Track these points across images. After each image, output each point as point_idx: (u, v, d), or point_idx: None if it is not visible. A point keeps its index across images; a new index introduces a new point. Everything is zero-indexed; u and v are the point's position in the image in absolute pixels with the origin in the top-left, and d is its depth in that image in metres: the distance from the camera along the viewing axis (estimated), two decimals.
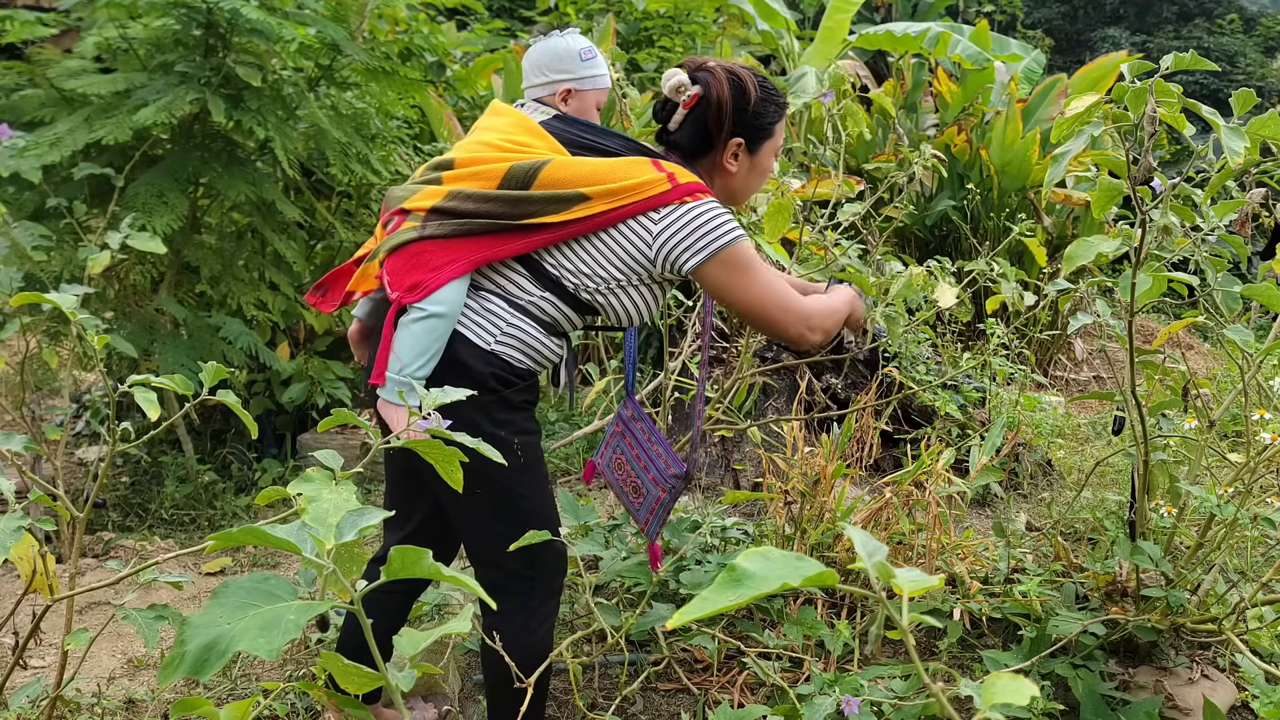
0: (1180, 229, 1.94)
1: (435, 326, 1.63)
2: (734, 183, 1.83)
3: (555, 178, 1.67)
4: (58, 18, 3.46)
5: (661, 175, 1.68)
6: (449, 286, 1.64)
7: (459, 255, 1.67)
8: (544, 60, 1.96)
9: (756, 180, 1.86)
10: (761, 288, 1.71)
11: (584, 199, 1.65)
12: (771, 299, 1.72)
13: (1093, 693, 2.04)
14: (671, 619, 0.61)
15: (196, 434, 3.93)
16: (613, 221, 1.67)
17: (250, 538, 0.79)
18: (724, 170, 1.80)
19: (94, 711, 2.23)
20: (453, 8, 4.81)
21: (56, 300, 1.44)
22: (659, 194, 1.66)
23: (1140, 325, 6.24)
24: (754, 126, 1.78)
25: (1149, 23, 20.45)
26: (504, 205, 1.67)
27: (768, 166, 1.86)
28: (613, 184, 1.66)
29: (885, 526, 2.59)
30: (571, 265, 1.70)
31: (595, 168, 1.69)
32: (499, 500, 1.71)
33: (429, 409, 1.22)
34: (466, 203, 1.68)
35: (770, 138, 1.81)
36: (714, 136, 1.76)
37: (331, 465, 1.03)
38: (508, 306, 1.70)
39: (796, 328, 1.75)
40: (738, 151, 1.79)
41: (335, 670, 0.94)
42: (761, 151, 1.82)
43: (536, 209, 1.66)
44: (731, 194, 1.84)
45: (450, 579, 0.78)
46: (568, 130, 1.81)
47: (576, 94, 1.97)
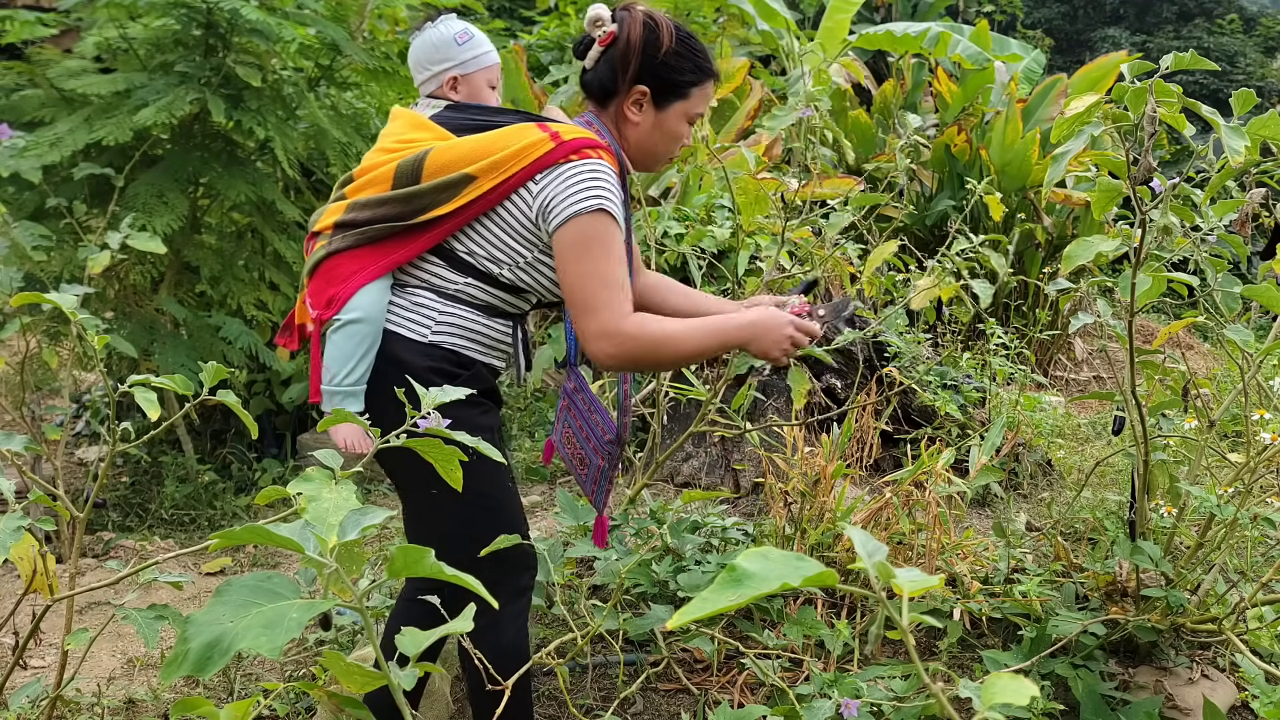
0: (1180, 229, 1.94)
1: (355, 332, 1.64)
2: (637, 135, 1.75)
3: (440, 163, 1.65)
4: (58, 18, 3.46)
5: (544, 135, 1.63)
6: (362, 292, 1.65)
7: (367, 262, 1.67)
8: (422, 55, 1.90)
9: (663, 141, 1.77)
10: (590, 273, 1.61)
11: (470, 179, 1.63)
12: (592, 289, 1.61)
13: (1093, 693, 2.04)
14: (671, 619, 0.61)
15: (196, 434, 3.93)
16: (505, 194, 1.64)
17: (253, 536, 0.79)
18: (626, 119, 1.73)
19: (94, 711, 2.23)
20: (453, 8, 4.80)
21: (56, 300, 1.44)
22: (542, 155, 1.62)
23: (1140, 325, 6.24)
24: (662, 78, 1.70)
25: (1149, 23, 20.45)
26: (399, 205, 1.66)
27: (677, 129, 1.76)
28: (495, 155, 1.62)
29: (885, 526, 2.59)
30: (480, 248, 1.67)
31: (476, 144, 1.65)
32: (455, 499, 1.63)
33: (428, 408, 1.22)
34: (364, 211, 1.68)
35: (682, 98, 1.73)
36: (620, 79, 1.70)
37: (331, 465, 1.03)
38: (437, 297, 1.68)
39: (595, 338, 1.62)
40: (641, 100, 1.72)
41: (337, 670, 0.94)
42: (670, 110, 1.73)
43: (429, 201, 1.64)
44: (637, 149, 1.77)
45: (451, 578, 0.78)
46: (458, 117, 1.77)
47: (464, 79, 1.90)
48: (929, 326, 4.53)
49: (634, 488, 2.79)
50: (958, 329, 4.78)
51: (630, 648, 2.43)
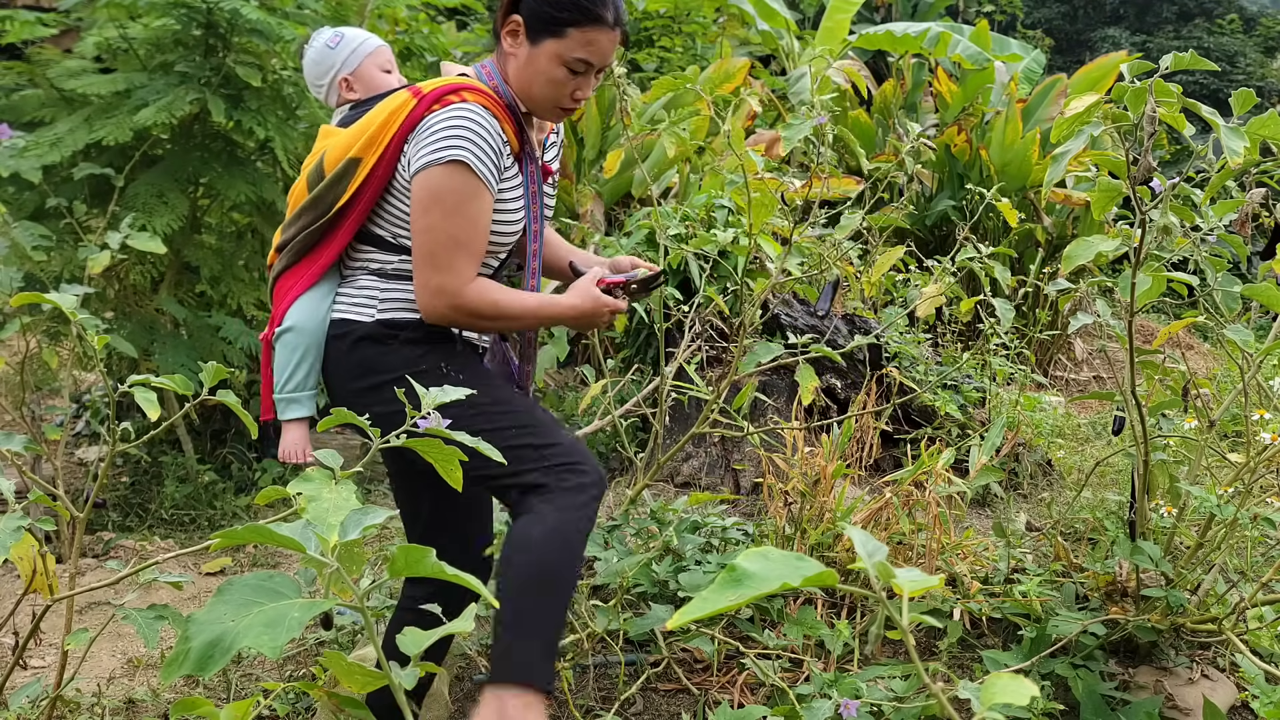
0: (1180, 229, 1.94)
1: (288, 341, 1.71)
2: (513, 69, 1.69)
3: (333, 158, 1.68)
4: (58, 18, 3.46)
5: (407, 95, 1.63)
6: (296, 303, 1.70)
7: (300, 274, 1.72)
8: (310, 75, 1.95)
9: (537, 81, 1.67)
10: (435, 227, 1.59)
11: (355, 162, 1.64)
12: (438, 246, 1.60)
13: (1093, 693, 2.04)
14: (671, 619, 0.61)
15: (196, 434, 3.93)
16: (392, 165, 1.64)
17: (254, 536, 0.79)
18: (503, 49, 1.70)
19: (94, 711, 2.23)
20: (453, 8, 4.80)
21: (56, 300, 1.44)
22: (408, 115, 1.61)
23: (1140, 325, 6.24)
24: (538, 10, 1.63)
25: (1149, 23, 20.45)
26: (311, 210, 1.70)
27: (550, 71, 1.65)
28: (369, 131, 1.63)
29: (885, 526, 2.59)
30: (397, 224, 1.69)
31: (355, 128, 1.67)
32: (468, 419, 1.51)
33: (429, 408, 1.22)
34: (291, 228, 1.74)
35: (555, 35, 1.63)
36: (502, 4, 1.68)
37: (331, 465, 1.03)
38: (378, 279, 1.72)
39: (434, 293, 1.62)
40: (516, 30, 1.66)
41: (338, 670, 0.94)
42: (541, 46, 1.64)
43: (331, 196, 1.67)
44: (516, 85, 1.70)
45: (452, 578, 0.78)
46: (355, 114, 1.79)
47: (354, 77, 1.91)
48: (929, 327, 4.53)
49: (635, 488, 2.79)
50: (957, 329, 4.78)
51: (630, 648, 2.43)
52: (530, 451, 1.62)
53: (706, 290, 3.06)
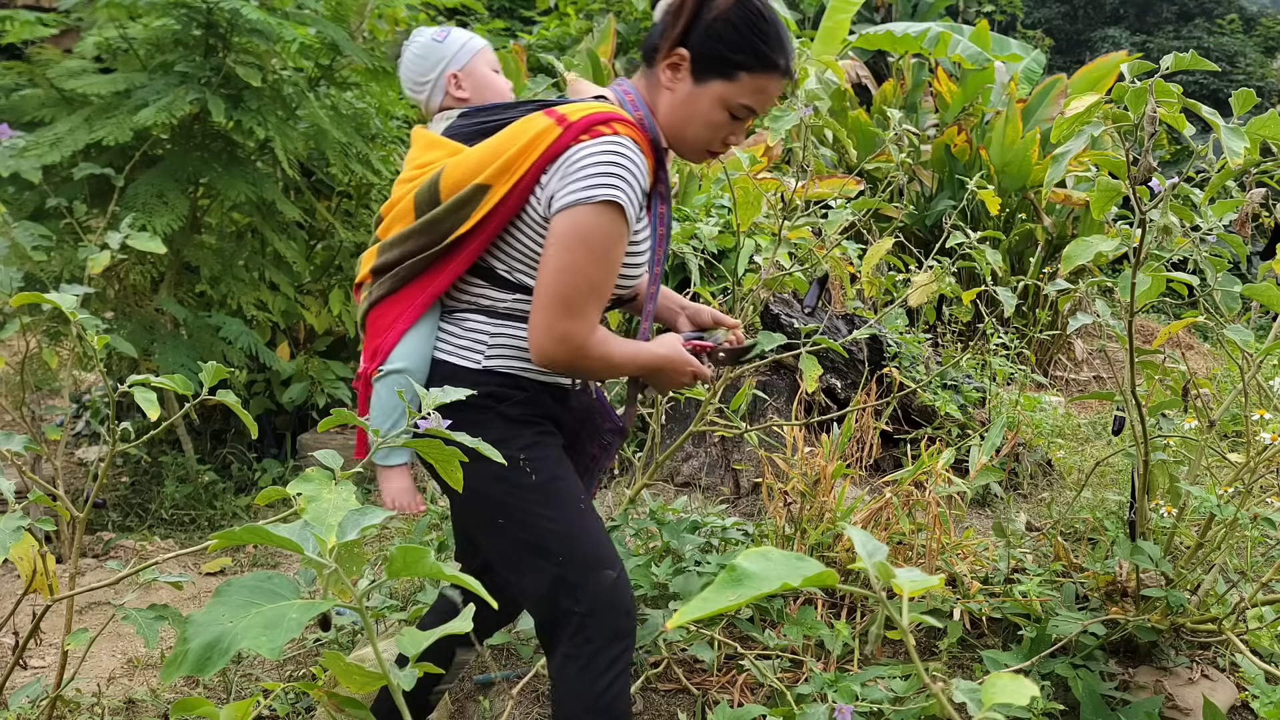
0: (1180, 229, 1.94)
1: (397, 382, 1.56)
2: (666, 105, 1.54)
3: (453, 180, 1.52)
4: (58, 18, 3.46)
5: (550, 122, 1.46)
6: (404, 339, 1.56)
7: (406, 304, 1.57)
8: (412, 72, 1.80)
9: (693, 123, 1.54)
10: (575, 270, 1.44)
11: (484, 189, 1.49)
12: (573, 289, 1.45)
13: (1093, 693, 2.04)
14: (671, 619, 0.61)
15: (196, 434, 3.93)
16: (524, 196, 1.49)
17: (253, 537, 0.79)
18: (659, 83, 1.54)
19: (94, 711, 2.23)
20: (453, 8, 4.80)
21: (56, 300, 1.44)
22: (551, 144, 1.45)
23: (1140, 325, 6.24)
24: (708, 48, 1.49)
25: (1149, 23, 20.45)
26: (423, 235, 1.55)
27: (711, 115, 1.53)
28: (503, 157, 1.47)
29: (885, 526, 2.59)
30: (517, 259, 1.54)
31: (486, 150, 1.51)
32: (522, 528, 1.54)
33: (429, 409, 1.22)
34: (393, 250, 1.58)
35: (725, 78, 1.50)
36: (666, 33, 1.51)
37: (331, 465, 1.03)
38: (487, 318, 1.57)
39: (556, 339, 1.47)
40: (679, 65, 1.51)
41: (337, 670, 0.94)
42: (707, 87, 1.51)
43: (450, 223, 1.52)
44: (666, 122, 1.56)
45: (451, 578, 0.78)
46: (470, 124, 1.63)
47: (464, 73, 1.77)
48: (929, 326, 4.53)
49: (634, 488, 2.79)
50: (958, 329, 4.78)
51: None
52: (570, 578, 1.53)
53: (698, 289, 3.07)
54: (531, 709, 2.25)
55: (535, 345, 1.49)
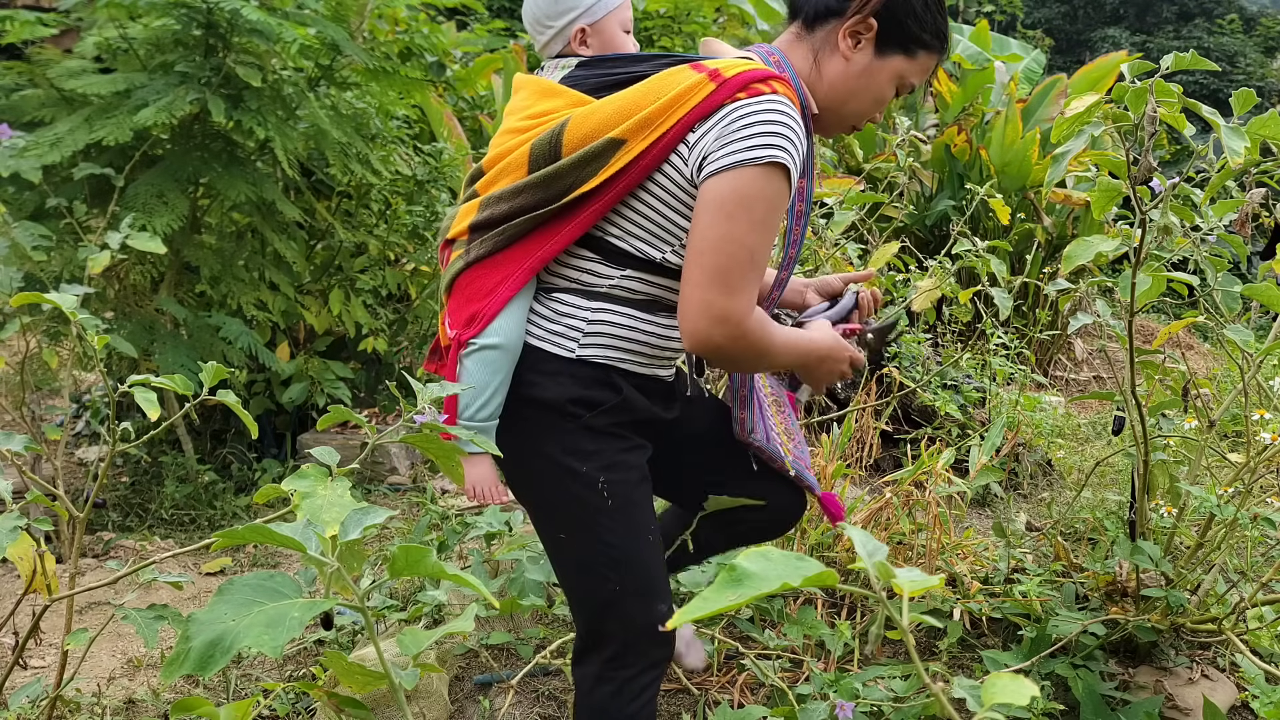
0: (1180, 229, 1.95)
1: (491, 359, 1.43)
2: (837, 74, 1.44)
3: (580, 132, 1.38)
4: (58, 18, 3.46)
5: (701, 76, 1.33)
6: (506, 312, 1.42)
7: (511, 268, 1.43)
8: (541, 9, 1.63)
9: (862, 95, 1.46)
10: (738, 240, 1.30)
11: (618, 144, 1.35)
12: (734, 261, 1.31)
13: (1093, 693, 2.04)
14: (671, 619, 0.61)
15: (196, 434, 3.93)
16: (662, 156, 1.35)
17: (255, 536, 0.79)
18: (835, 50, 1.43)
19: (94, 711, 2.23)
20: (453, 8, 4.80)
21: (56, 300, 1.44)
22: (703, 99, 1.32)
23: (1140, 325, 6.24)
24: (900, 22, 1.41)
25: (1149, 23, 20.46)
26: (538, 190, 1.40)
27: (883, 89, 1.46)
28: (644, 111, 1.34)
29: (885, 526, 2.59)
30: (639, 228, 1.40)
31: (621, 101, 1.37)
32: (586, 546, 1.47)
33: (424, 402, 1.21)
34: (500, 205, 1.43)
35: (907, 54, 1.44)
36: (850, 3, 1.41)
37: (328, 461, 1.03)
38: (585, 300, 1.43)
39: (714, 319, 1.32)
40: (862, 36, 1.42)
41: (337, 670, 0.94)
42: (888, 60, 1.43)
43: (572, 179, 1.38)
44: (829, 93, 1.46)
45: (452, 578, 0.78)
46: (594, 74, 1.49)
47: (594, 29, 1.62)
48: (929, 326, 4.53)
49: None
50: (958, 329, 4.78)
51: None
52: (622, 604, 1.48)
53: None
54: (531, 709, 2.25)
55: (689, 328, 1.34)
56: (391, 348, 4.36)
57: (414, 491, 3.83)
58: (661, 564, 1.55)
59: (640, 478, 1.50)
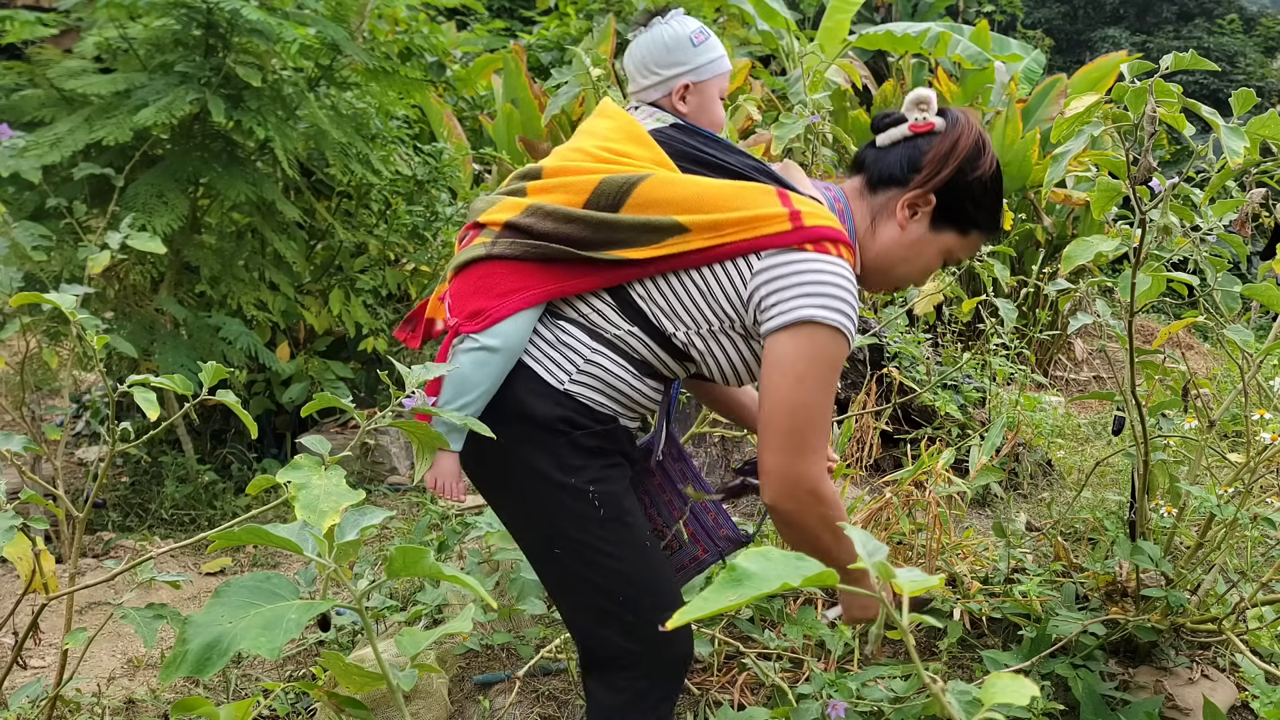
0: (1180, 229, 1.94)
1: (486, 361, 1.41)
2: (890, 241, 1.48)
3: (652, 197, 1.40)
4: (58, 18, 3.46)
5: (784, 212, 1.37)
6: (513, 319, 1.42)
7: (529, 282, 1.43)
8: (651, 56, 1.62)
9: (910, 263, 1.51)
10: (810, 403, 1.34)
11: (680, 230, 1.38)
12: (807, 424, 1.34)
13: (1093, 693, 2.04)
14: (671, 619, 0.61)
15: (196, 434, 3.93)
16: (713, 259, 1.39)
17: (253, 537, 0.79)
18: (892, 216, 1.47)
19: (94, 711, 2.23)
20: (453, 8, 4.80)
21: (56, 300, 1.44)
22: (775, 234, 1.36)
23: (1140, 325, 6.24)
24: (958, 201, 1.46)
25: (1149, 23, 20.47)
26: (586, 229, 1.41)
27: (930, 260, 1.51)
28: (720, 214, 1.37)
29: (885, 526, 2.59)
30: (661, 299, 1.43)
31: (704, 190, 1.40)
32: (584, 563, 1.46)
33: (413, 386, 1.21)
34: (545, 221, 1.43)
35: (959, 232, 1.49)
36: (914, 175, 1.45)
37: (320, 451, 1.03)
38: (588, 339, 1.44)
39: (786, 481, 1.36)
40: (920, 210, 1.47)
41: (337, 670, 0.94)
42: (941, 235, 1.49)
43: (624, 238, 1.39)
44: (879, 255, 1.50)
45: (451, 578, 0.78)
46: (684, 141, 1.52)
47: (696, 88, 1.62)
48: (929, 326, 4.53)
49: None
50: (958, 329, 4.78)
51: None
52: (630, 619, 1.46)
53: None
54: (532, 709, 2.25)
55: (773, 490, 1.38)
56: (391, 348, 4.36)
57: (414, 491, 3.83)
58: (667, 572, 1.56)
59: (626, 490, 1.51)
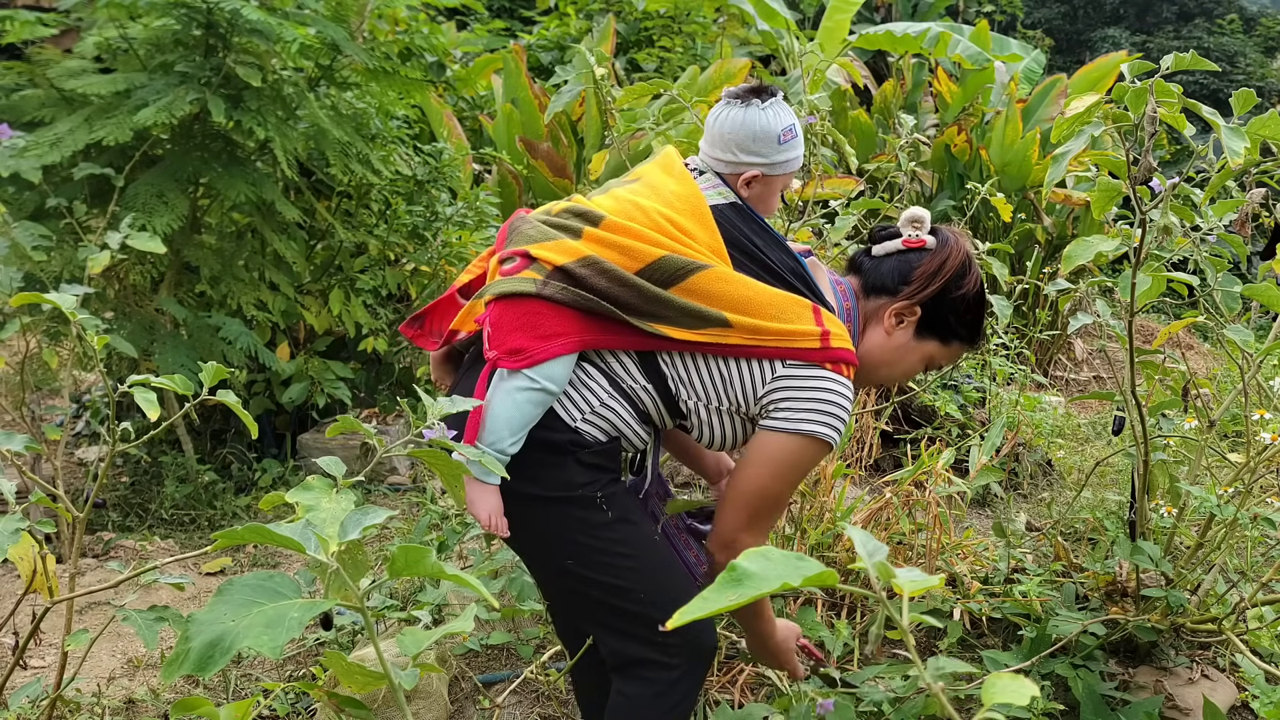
0: (1180, 229, 1.95)
1: (543, 401, 1.49)
2: (876, 344, 1.62)
3: (706, 289, 1.50)
4: (58, 18, 3.46)
5: (817, 331, 1.50)
6: (556, 361, 1.48)
7: (572, 329, 1.49)
8: (736, 137, 1.64)
9: (894, 366, 1.64)
10: (775, 492, 1.53)
11: (724, 324, 1.49)
12: (766, 506, 1.53)
13: (1093, 693, 2.04)
14: (671, 619, 0.61)
15: (196, 434, 3.93)
16: (743, 355, 1.52)
17: (254, 536, 0.79)
18: (880, 324, 1.61)
19: (94, 711, 2.23)
20: (453, 8, 4.80)
21: (56, 300, 1.44)
22: (803, 349, 1.50)
23: (1140, 325, 6.24)
24: (942, 315, 1.59)
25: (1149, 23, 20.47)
26: (637, 297, 1.49)
27: (914, 366, 1.65)
28: (762, 320, 1.49)
29: (885, 526, 2.59)
30: (681, 369, 1.54)
31: (753, 295, 1.51)
32: (595, 567, 1.53)
33: (434, 419, 1.21)
34: (600, 278, 1.49)
35: (941, 342, 1.62)
36: (904, 287, 1.59)
37: (334, 473, 1.02)
38: (608, 385, 1.54)
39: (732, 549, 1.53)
40: (906, 319, 1.60)
41: (337, 670, 0.94)
42: (924, 344, 1.62)
43: (669, 316, 1.49)
44: (865, 354, 1.63)
45: (452, 578, 0.78)
46: (739, 228, 1.59)
47: (763, 180, 1.66)
48: None
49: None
50: None
51: None
52: (653, 614, 1.52)
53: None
54: (532, 709, 2.25)
55: (716, 547, 1.57)
56: (391, 348, 4.36)
57: (414, 491, 3.83)
58: (679, 565, 1.65)
59: (629, 494, 1.60)
